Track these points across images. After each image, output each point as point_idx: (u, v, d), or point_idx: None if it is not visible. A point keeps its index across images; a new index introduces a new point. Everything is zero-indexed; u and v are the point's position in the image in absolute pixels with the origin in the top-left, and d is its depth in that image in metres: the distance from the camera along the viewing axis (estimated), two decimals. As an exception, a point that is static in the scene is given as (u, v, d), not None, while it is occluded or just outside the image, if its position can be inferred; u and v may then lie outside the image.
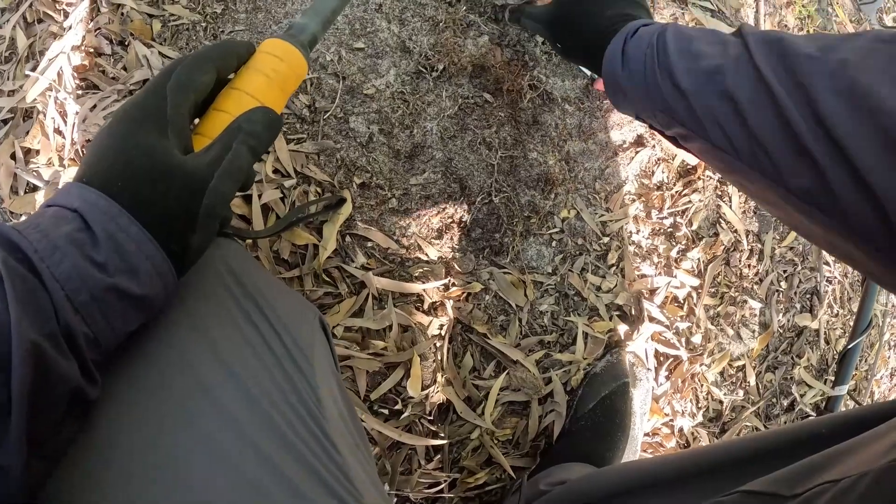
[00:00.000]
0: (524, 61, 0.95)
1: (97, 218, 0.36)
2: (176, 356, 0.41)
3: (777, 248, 1.17)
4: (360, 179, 0.85)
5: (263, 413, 0.41)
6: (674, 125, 0.56)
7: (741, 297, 1.12)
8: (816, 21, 1.32)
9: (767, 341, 1.14)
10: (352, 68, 0.88)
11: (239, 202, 0.78)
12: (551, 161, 0.95)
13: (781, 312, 1.16)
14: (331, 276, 0.82)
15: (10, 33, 0.85)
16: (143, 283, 0.37)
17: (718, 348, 1.10)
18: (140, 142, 0.39)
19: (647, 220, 1.04)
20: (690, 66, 0.53)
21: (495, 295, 0.92)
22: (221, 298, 0.45)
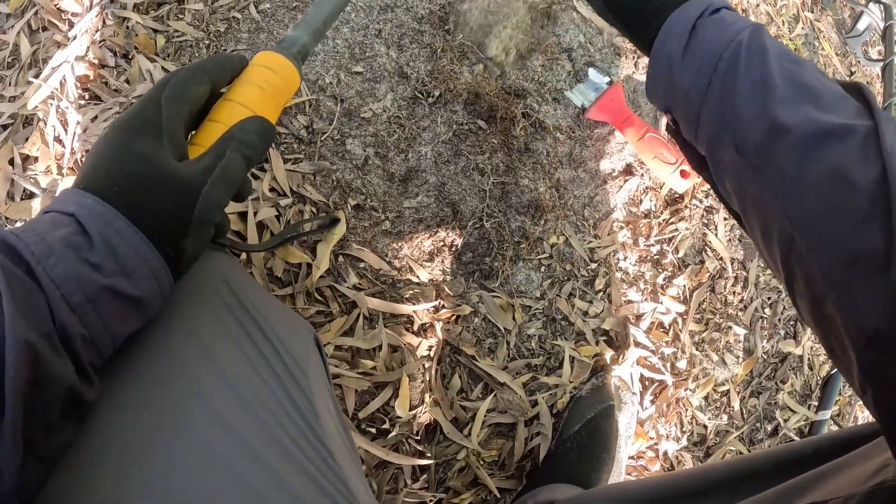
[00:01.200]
0: (518, 90, 0.98)
1: (93, 222, 0.37)
2: (173, 364, 0.42)
3: (761, 275, 1.19)
4: (354, 201, 0.87)
5: (260, 421, 0.42)
6: (720, 147, 0.45)
7: (726, 324, 1.14)
8: (803, 54, 1.36)
9: (752, 367, 1.17)
10: (350, 91, 0.90)
11: (235, 219, 0.79)
12: (542, 188, 0.98)
13: (765, 339, 1.19)
14: (323, 295, 0.83)
15: (13, 39, 0.87)
16: (138, 285, 0.38)
17: (703, 373, 1.12)
18: (136, 150, 0.40)
19: (635, 248, 1.06)
20: (800, 103, 0.41)
21: (484, 318, 0.93)
22: (218, 311, 0.47)
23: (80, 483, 0.37)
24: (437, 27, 0.96)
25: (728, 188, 0.46)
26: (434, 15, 0.96)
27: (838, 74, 1.43)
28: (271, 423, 0.43)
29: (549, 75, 1.01)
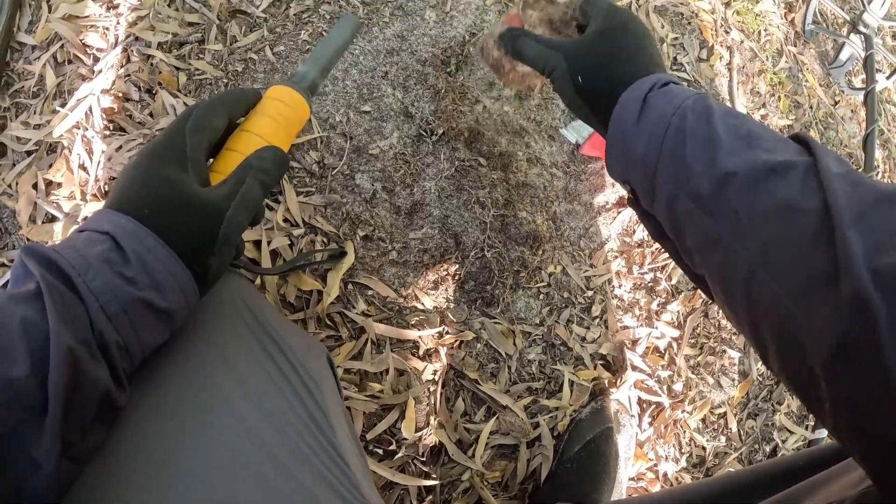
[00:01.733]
0: (516, 128, 1.04)
1: (127, 240, 0.41)
2: (197, 374, 0.46)
3: None
4: (363, 232, 0.93)
5: (281, 430, 0.46)
6: (677, 202, 0.48)
7: (720, 348, 1.19)
8: (787, 87, 1.43)
9: (747, 389, 1.21)
10: (359, 129, 0.96)
11: (250, 247, 0.85)
12: (539, 220, 1.03)
13: (760, 361, 1.23)
14: (333, 321, 0.88)
15: (39, 70, 0.93)
16: (168, 298, 0.42)
17: (699, 396, 1.15)
18: (165, 175, 0.45)
19: (629, 276, 1.11)
20: (744, 151, 0.45)
21: (486, 343, 0.98)
22: (238, 328, 0.51)
23: (108, 485, 0.39)
24: (439, 69, 1.02)
25: (689, 245, 0.49)
26: (437, 58, 1.02)
27: (822, 105, 1.49)
28: (290, 432, 0.47)
29: (545, 114, 1.08)
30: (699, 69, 1.27)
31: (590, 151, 1.08)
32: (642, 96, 0.50)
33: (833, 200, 0.38)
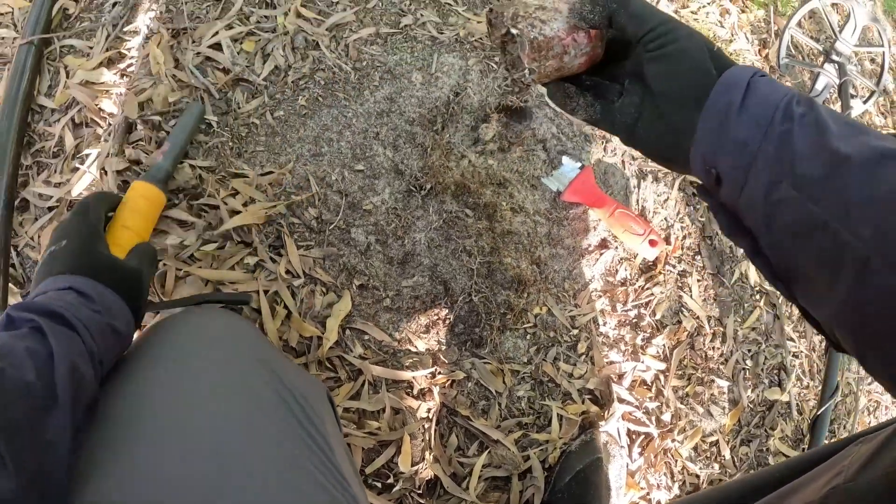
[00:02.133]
0: (500, 180, 1.13)
1: (88, 288, 0.62)
2: (214, 394, 0.54)
3: (739, 329, 1.31)
4: (359, 281, 1.01)
5: (286, 448, 0.53)
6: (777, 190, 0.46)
7: (708, 377, 1.25)
8: None
9: (738, 416, 1.26)
10: (353, 187, 1.05)
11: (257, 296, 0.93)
12: (524, 265, 1.12)
13: (750, 388, 1.29)
14: (332, 364, 0.96)
15: (59, 132, 1.02)
16: (120, 323, 0.62)
17: (690, 425, 1.21)
18: (95, 248, 0.69)
19: (613, 313, 1.18)
20: (855, 135, 0.44)
21: (477, 382, 1.05)
22: (247, 363, 0.59)
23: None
24: (427, 128, 1.12)
25: (779, 235, 0.48)
26: (424, 118, 1.12)
27: None
28: (297, 453, 0.53)
29: (526, 165, 1.17)
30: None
31: (571, 198, 1.17)
32: (745, 81, 0.49)
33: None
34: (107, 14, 1.08)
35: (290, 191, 1.02)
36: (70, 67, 1.05)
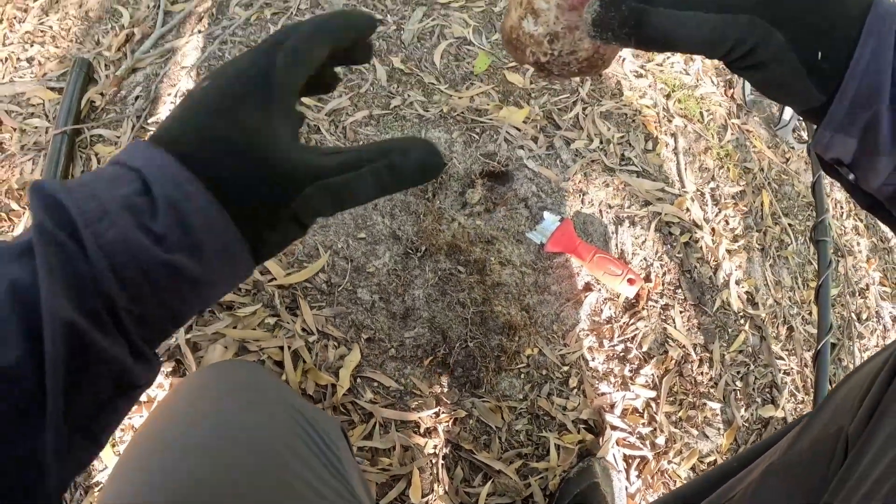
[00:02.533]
0: (488, 238, 1.29)
1: (162, 182, 0.32)
2: (244, 426, 0.60)
3: (726, 354, 1.41)
4: (366, 335, 1.16)
5: (311, 471, 0.60)
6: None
7: (700, 401, 1.35)
8: (735, 156, 1.65)
9: (734, 436, 1.36)
10: (357, 253, 1.21)
11: (275, 351, 1.09)
12: (513, 312, 1.26)
13: (742, 408, 1.38)
14: (346, 408, 1.10)
15: None
16: (206, 265, 0.33)
17: (686, 447, 1.31)
18: (244, 116, 0.35)
19: (601, 349, 1.31)
20: None
21: (477, 419, 1.18)
22: (272, 405, 0.64)
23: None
24: (419, 197, 1.28)
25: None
26: (416, 188, 1.29)
27: (774, 164, 1.69)
28: (316, 475, 0.60)
29: (511, 223, 1.32)
30: (646, 159, 1.51)
31: (553, 248, 1.31)
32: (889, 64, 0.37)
33: None
34: (130, 106, 1.28)
35: (301, 259, 1.18)
36: (100, 154, 1.24)
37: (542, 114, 1.46)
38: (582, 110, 1.50)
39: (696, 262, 1.45)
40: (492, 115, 1.42)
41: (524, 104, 1.46)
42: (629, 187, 1.45)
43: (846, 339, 1.57)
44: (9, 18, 1.62)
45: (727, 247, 1.50)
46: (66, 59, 1.50)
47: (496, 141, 1.39)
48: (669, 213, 1.46)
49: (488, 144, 1.39)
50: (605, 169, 1.45)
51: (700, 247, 1.47)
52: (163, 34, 1.54)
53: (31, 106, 1.38)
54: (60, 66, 1.47)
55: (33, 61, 1.50)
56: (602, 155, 1.46)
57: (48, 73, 1.46)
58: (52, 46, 1.54)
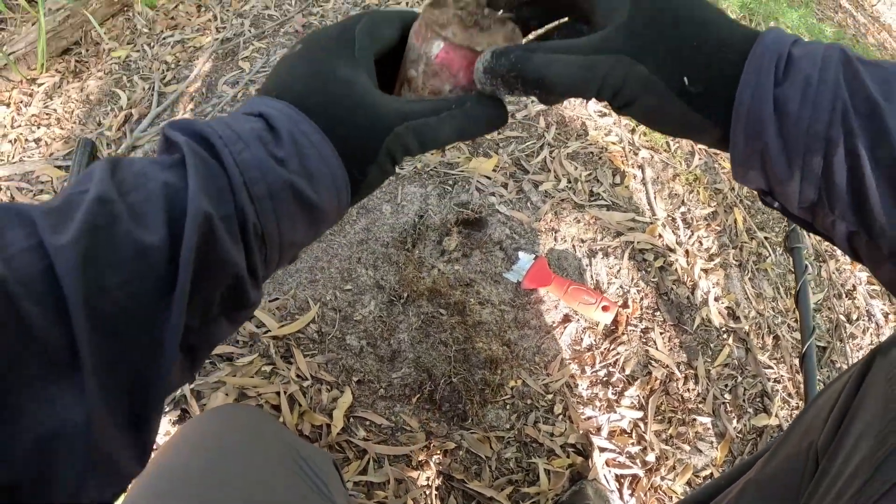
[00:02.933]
0: (466, 281, 1.39)
1: (282, 121, 0.38)
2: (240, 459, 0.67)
3: (711, 369, 1.47)
4: (356, 378, 1.27)
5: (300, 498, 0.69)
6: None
7: (689, 417, 1.41)
8: (705, 179, 1.74)
9: (728, 447, 1.40)
10: (344, 303, 1.33)
11: (272, 396, 1.20)
12: (495, 347, 1.35)
13: (735, 420, 1.43)
14: (341, 446, 1.20)
15: None
16: (318, 191, 0.39)
17: (679, 463, 1.37)
18: (337, 69, 0.41)
19: (584, 375, 1.39)
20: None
21: (467, 450, 1.27)
22: (270, 444, 0.71)
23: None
24: (399, 248, 1.40)
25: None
26: (396, 240, 1.41)
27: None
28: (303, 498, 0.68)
29: (488, 265, 1.43)
30: (615, 192, 1.61)
31: (530, 285, 1.41)
32: (785, 51, 0.39)
33: None
34: None
35: (293, 312, 1.30)
36: None
37: (510, 161, 1.59)
38: (549, 153, 1.62)
39: (673, 284, 1.53)
40: (463, 166, 1.55)
41: (493, 153, 1.59)
42: (600, 221, 1.55)
43: (836, 340, 1.61)
44: (15, 102, 1.85)
45: (702, 266, 1.57)
46: (70, 139, 1.70)
47: (468, 190, 1.51)
48: (642, 241, 1.55)
49: (461, 194, 1.51)
50: (575, 206, 1.56)
51: (675, 269, 1.55)
52: (158, 114, 1.73)
53: (41, 183, 1.57)
54: (65, 146, 1.67)
55: (40, 142, 1.70)
56: (571, 193, 1.57)
57: (54, 153, 1.66)
58: (57, 128, 1.75)
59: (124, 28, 2.09)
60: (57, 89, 1.90)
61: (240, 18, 2.10)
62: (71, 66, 1.97)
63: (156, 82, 1.88)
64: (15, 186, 1.57)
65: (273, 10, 2.13)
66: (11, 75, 1.87)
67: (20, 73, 1.88)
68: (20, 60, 1.88)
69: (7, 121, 1.81)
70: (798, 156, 0.38)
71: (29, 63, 1.90)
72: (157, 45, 2.03)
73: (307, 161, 0.38)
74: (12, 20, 2.04)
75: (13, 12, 2.06)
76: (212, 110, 1.70)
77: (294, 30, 2.03)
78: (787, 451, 0.67)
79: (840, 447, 0.55)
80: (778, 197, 0.42)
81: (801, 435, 0.66)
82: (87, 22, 2.00)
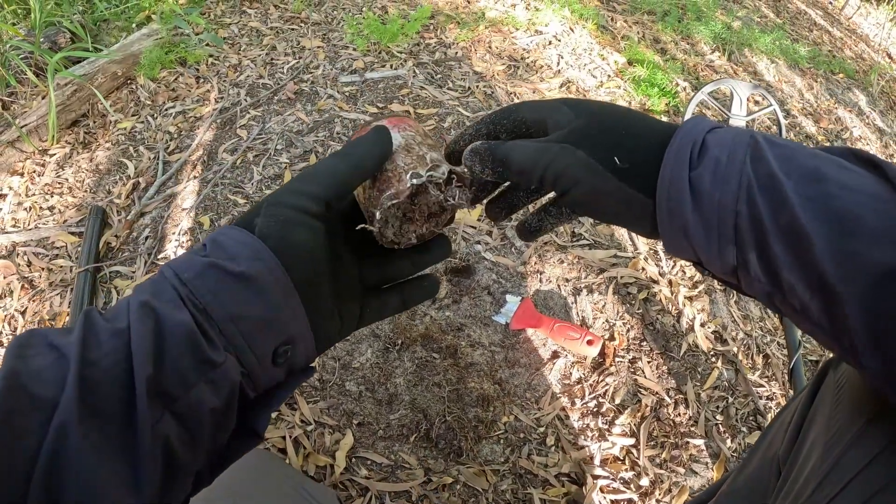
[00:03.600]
0: (457, 326, 1.51)
1: (210, 236, 0.46)
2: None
3: (701, 392, 1.54)
4: (356, 420, 1.38)
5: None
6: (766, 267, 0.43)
7: (682, 441, 1.47)
8: None
9: (724, 467, 1.45)
10: (342, 353, 1.46)
11: (279, 440, 1.32)
12: (486, 386, 1.45)
13: (728, 440, 1.48)
14: (345, 485, 1.31)
15: None
16: (241, 263, 0.43)
17: (675, 486, 1.43)
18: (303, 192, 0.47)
19: (574, 408, 1.48)
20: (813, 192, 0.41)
21: (464, 484, 1.36)
22: (279, 480, 0.87)
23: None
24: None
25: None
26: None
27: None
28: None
29: (477, 309, 1.54)
30: (597, 231, 1.72)
31: (518, 325, 1.52)
32: (700, 138, 0.45)
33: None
34: (142, 245, 1.60)
35: (298, 367, 1.43)
36: (119, 288, 1.54)
37: (494, 211, 1.71)
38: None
39: (657, 314, 1.62)
40: (450, 220, 1.68)
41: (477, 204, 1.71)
42: (583, 259, 1.66)
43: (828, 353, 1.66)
44: (29, 172, 2.01)
45: (686, 294, 1.66)
46: (82, 206, 1.88)
47: (455, 240, 1.64)
48: (625, 275, 1.65)
49: (449, 245, 1.63)
50: (558, 248, 1.67)
51: (659, 299, 1.64)
52: (164, 181, 1.91)
53: (55, 248, 1.75)
54: (78, 213, 1.85)
55: (54, 209, 1.88)
56: (553, 236, 1.68)
57: (68, 220, 1.84)
58: (70, 196, 1.93)
59: (128, 100, 2.29)
60: (68, 160, 2.07)
61: (236, 88, 2.28)
62: (80, 137, 2.15)
63: (160, 152, 2.05)
64: (31, 252, 1.75)
65: (266, 79, 2.32)
66: (24, 147, 2.01)
67: (32, 144, 2.02)
68: (32, 132, 2.02)
69: (22, 189, 1.96)
70: (713, 228, 0.44)
71: (40, 135, 2.05)
72: (160, 116, 2.21)
73: (226, 248, 0.44)
74: (22, 94, 2.23)
75: (23, 86, 2.24)
76: (213, 177, 1.87)
77: (286, 97, 2.22)
78: (755, 462, 0.72)
79: (797, 457, 0.59)
80: (706, 265, 0.47)
81: (766, 447, 0.71)
82: (94, 95, 2.16)
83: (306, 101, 2.21)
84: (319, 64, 2.36)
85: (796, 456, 0.59)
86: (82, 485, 0.34)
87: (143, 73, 2.30)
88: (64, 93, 2.11)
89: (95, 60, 2.23)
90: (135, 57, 2.33)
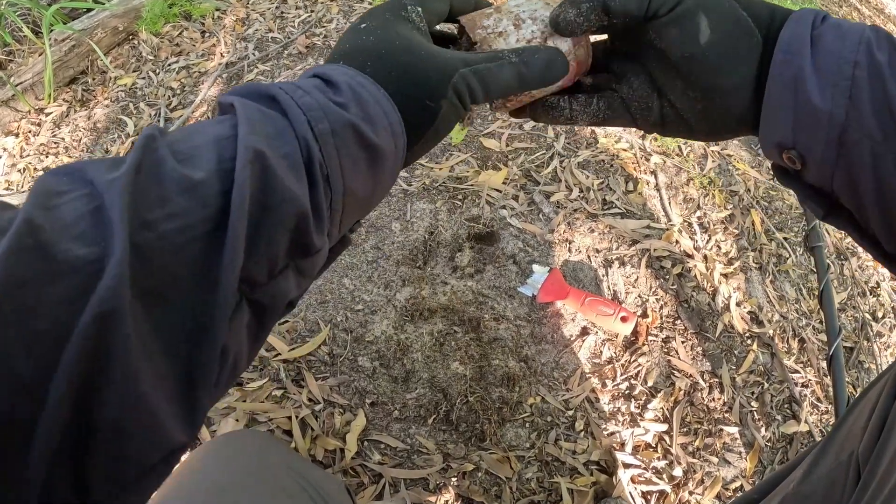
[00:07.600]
0: (480, 297, 1.36)
1: (339, 76, 0.39)
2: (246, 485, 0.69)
3: (736, 376, 1.43)
4: (370, 400, 1.24)
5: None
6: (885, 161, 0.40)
7: (716, 428, 1.37)
8: (719, 182, 1.70)
9: (757, 458, 1.36)
10: (355, 324, 1.31)
11: (284, 420, 1.17)
12: (512, 364, 1.32)
13: (763, 428, 1.39)
14: (356, 471, 1.17)
15: None
16: (378, 134, 0.39)
17: (707, 476, 1.32)
18: (395, 32, 0.43)
19: (604, 390, 1.36)
20: None
21: (486, 471, 1.23)
22: (278, 469, 0.74)
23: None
24: (410, 265, 1.38)
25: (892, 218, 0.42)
26: (406, 257, 1.39)
27: (760, 183, 1.74)
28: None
29: (501, 280, 1.40)
30: (629, 200, 1.58)
31: (545, 298, 1.38)
32: (808, 36, 0.43)
33: None
34: None
35: (304, 334, 1.28)
36: None
37: (520, 173, 1.56)
38: (559, 164, 1.60)
39: (692, 291, 1.50)
40: (472, 181, 1.53)
41: (502, 166, 1.57)
42: (614, 229, 1.52)
43: (863, 340, 1.56)
44: (24, 132, 1.89)
45: (722, 271, 1.54)
46: None
47: (479, 205, 1.49)
48: (658, 248, 1.52)
49: (472, 209, 1.48)
50: (589, 216, 1.53)
51: (694, 275, 1.51)
52: None
53: None
54: None
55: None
56: (583, 203, 1.54)
57: None
58: (66, 156, 1.79)
59: (129, 56, 2.12)
60: (64, 118, 1.93)
61: (244, 42, 2.11)
62: (78, 95, 2.00)
63: (162, 108, 1.89)
64: (24, 217, 1.58)
65: (276, 32, 2.14)
66: (19, 106, 1.90)
67: (28, 103, 1.91)
68: (27, 91, 1.91)
69: (16, 150, 1.84)
70: (828, 74, 0.42)
71: (36, 93, 1.94)
72: (163, 72, 2.05)
73: (366, 106, 0.38)
74: (19, 52, 2.08)
75: (20, 44, 2.10)
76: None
77: (297, 51, 2.04)
78: (827, 463, 0.66)
79: (880, 459, 0.54)
80: (802, 143, 0.44)
81: (840, 445, 0.65)
82: (93, 51, 2.04)
83: (318, 56, 2.03)
84: (333, 18, 2.18)
85: (880, 455, 0.55)
86: (130, 397, 0.27)
87: (146, 27, 2.18)
88: (61, 48, 1.98)
89: (95, 14, 2.11)
90: (137, 11, 2.20)
